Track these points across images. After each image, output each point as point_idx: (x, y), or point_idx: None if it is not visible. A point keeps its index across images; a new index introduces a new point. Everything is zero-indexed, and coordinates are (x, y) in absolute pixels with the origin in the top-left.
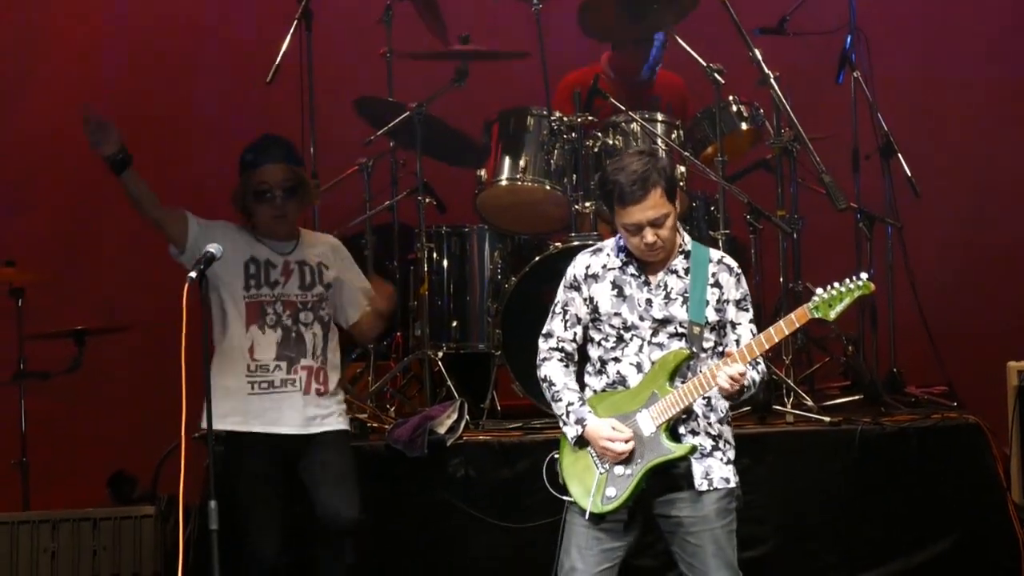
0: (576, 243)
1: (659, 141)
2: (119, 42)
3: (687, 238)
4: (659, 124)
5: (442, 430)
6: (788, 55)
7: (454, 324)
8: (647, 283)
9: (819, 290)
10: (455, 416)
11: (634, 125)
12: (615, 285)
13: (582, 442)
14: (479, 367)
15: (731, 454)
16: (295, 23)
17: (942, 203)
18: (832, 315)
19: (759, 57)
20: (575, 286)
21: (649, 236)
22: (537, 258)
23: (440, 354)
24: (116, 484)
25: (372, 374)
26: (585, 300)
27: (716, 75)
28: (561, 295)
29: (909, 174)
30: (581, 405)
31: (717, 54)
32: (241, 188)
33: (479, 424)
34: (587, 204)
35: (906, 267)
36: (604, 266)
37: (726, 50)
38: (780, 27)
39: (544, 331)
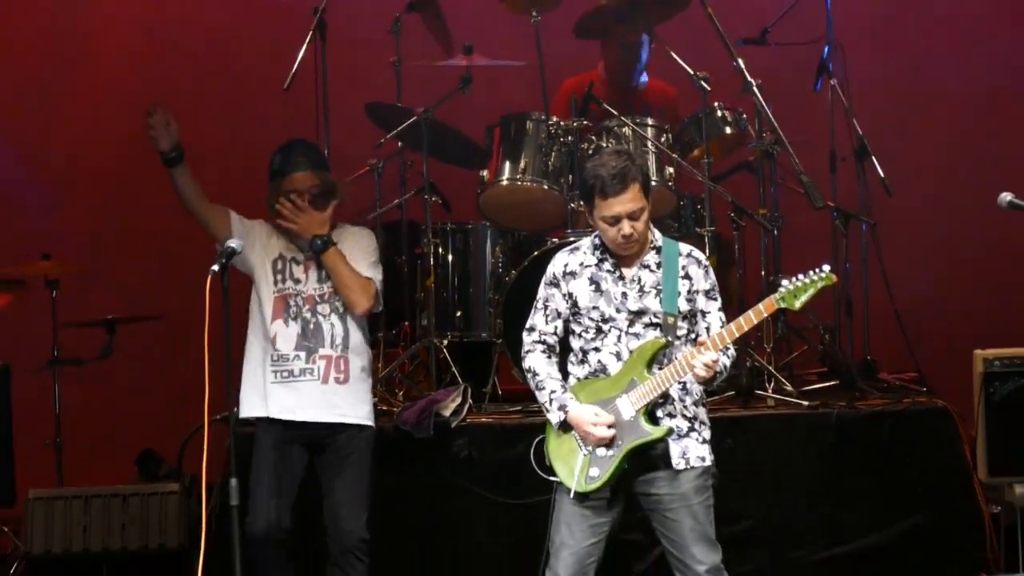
0: (572, 239)
1: (649, 144)
2: (149, 53)
3: (658, 234)
4: (649, 128)
5: (447, 413)
6: (769, 64)
7: (458, 314)
8: (622, 278)
9: (784, 281)
10: (459, 400)
11: (626, 129)
12: (592, 281)
13: (565, 427)
14: (481, 354)
15: (707, 434)
16: (310, 34)
17: (913, 202)
18: (797, 305)
19: (742, 66)
20: (555, 283)
21: (626, 228)
22: (536, 253)
23: (445, 342)
24: (144, 463)
25: (381, 361)
26: (564, 296)
27: (702, 82)
28: (542, 291)
29: (882, 175)
30: (563, 392)
31: (703, 63)
32: (272, 194)
33: (482, 407)
34: (582, 203)
35: (879, 261)
36: (581, 263)
37: (712, 59)
38: (762, 38)
39: (527, 325)
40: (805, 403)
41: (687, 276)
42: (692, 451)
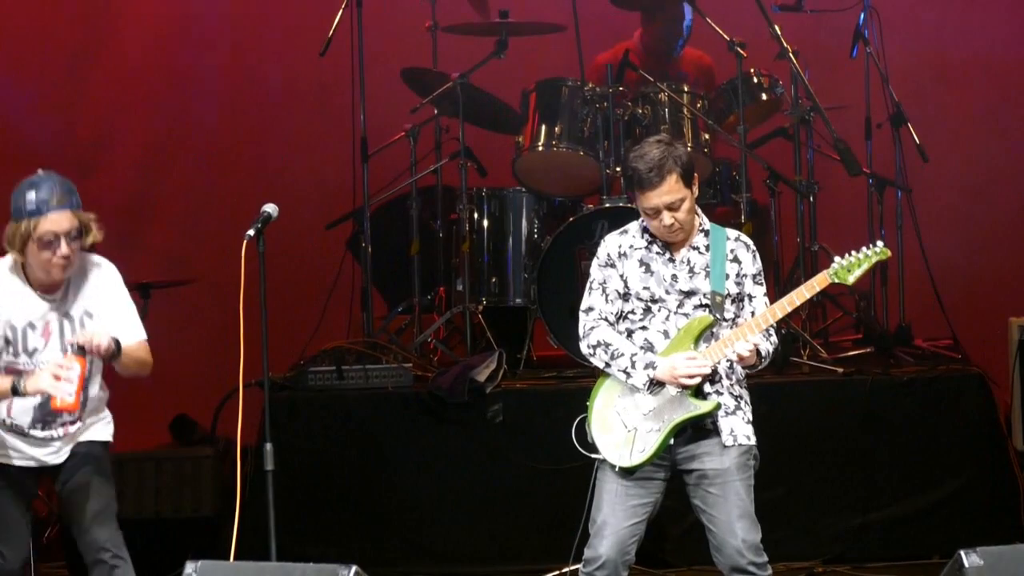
0: (607, 205)
1: (685, 110)
2: (185, 16)
3: (705, 220)
4: (685, 94)
5: (482, 378)
6: (805, 31)
7: (493, 280)
8: (672, 260)
9: (837, 257)
10: (494, 365)
11: (662, 95)
12: (642, 263)
13: (652, 386)
14: (516, 320)
15: (751, 415)
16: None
17: (949, 169)
18: (850, 279)
19: (779, 33)
20: (610, 263)
21: (667, 218)
22: (571, 219)
23: (480, 307)
24: (178, 427)
25: (417, 326)
26: (620, 276)
27: (739, 49)
28: (597, 273)
29: (918, 142)
30: (646, 352)
31: (740, 30)
32: (20, 233)
33: (516, 373)
34: (618, 169)
35: (915, 228)
36: (631, 246)
37: (748, 26)
38: (798, 4)
39: (584, 307)
40: (840, 370)
41: (736, 259)
42: (739, 429)
